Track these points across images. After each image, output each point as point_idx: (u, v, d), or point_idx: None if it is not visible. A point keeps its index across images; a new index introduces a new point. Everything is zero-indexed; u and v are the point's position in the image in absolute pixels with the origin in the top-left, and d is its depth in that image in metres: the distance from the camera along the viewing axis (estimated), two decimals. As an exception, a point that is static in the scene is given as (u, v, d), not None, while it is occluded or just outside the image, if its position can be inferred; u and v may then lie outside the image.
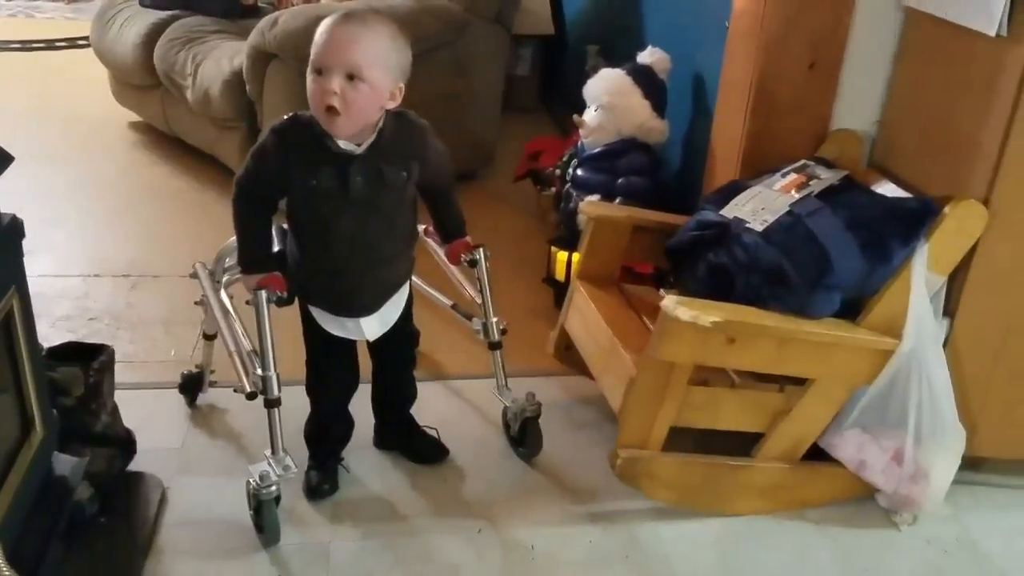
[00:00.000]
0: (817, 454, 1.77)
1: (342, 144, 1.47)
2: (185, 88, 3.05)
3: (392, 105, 1.50)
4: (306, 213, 1.55)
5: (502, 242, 1.68)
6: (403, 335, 1.75)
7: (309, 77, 1.44)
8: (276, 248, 1.63)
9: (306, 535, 1.65)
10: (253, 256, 1.59)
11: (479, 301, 1.82)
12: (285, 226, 1.62)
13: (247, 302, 1.59)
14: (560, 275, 2.35)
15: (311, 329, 1.66)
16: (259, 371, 1.57)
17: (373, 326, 1.65)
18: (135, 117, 3.67)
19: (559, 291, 2.32)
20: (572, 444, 1.92)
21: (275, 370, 1.56)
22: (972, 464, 1.82)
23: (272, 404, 1.57)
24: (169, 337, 2.26)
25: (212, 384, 1.97)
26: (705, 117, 2.26)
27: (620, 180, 2.34)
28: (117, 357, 1.75)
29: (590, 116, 2.41)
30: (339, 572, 1.57)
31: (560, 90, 3.91)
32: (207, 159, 3.23)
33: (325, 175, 1.48)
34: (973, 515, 1.80)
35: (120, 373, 1.78)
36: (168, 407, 1.96)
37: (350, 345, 1.69)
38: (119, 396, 1.75)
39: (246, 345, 1.63)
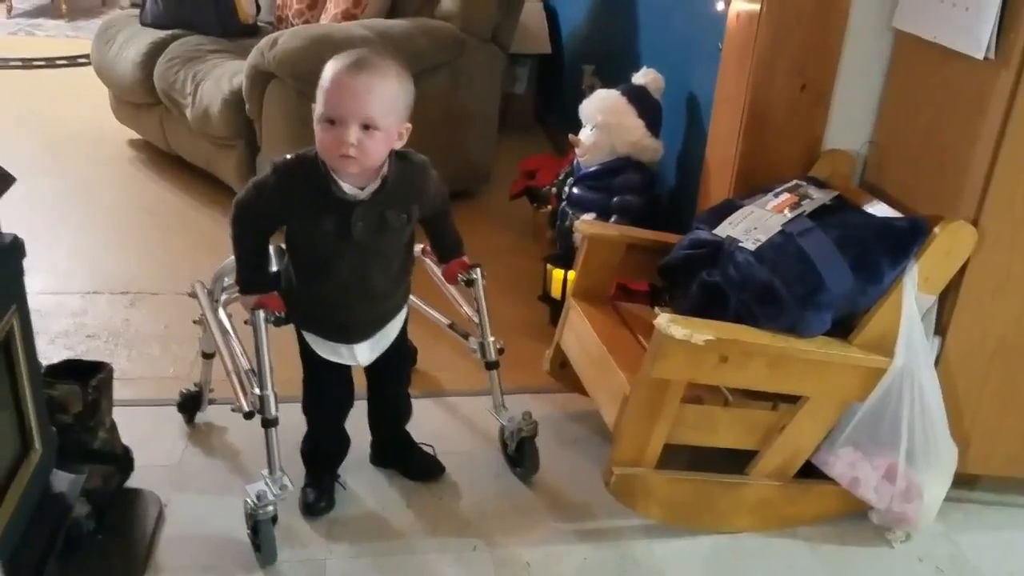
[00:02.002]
0: (810, 472, 1.78)
1: (347, 190, 1.47)
2: (185, 107, 3.08)
3: (399, 145, 1.50)
4: (306, 249, 1.56)
5: (498, 260, 1.70)
6: (397, 355, 1.75)
7: (320, 126, 1.43)
8: (274, 268, 1.64)
9: (302, 552, 1.65)
10: (251, 276, 1.60)
11: (476, 320, 1.83)
12: (283, 245, 1.62)
13: (245, 322, 1.59)
14: (556, 292, 2.37)
15: (307, 351, 1.66)
16: (257, 391, 1.57)
17: (365, 352, 1.67)
18: (134, 135, 3.69)
19: (555, 308, 2.34)
20: (566, 461, 1.93)
21: (272, 390, 1.57)
22: (965, 482, 1.83)
23: (269, 424, 1.57)
24: (167, 354, 2.27)
25: (211, 402, 1.98)
26: (699, 137, 2.29)
27: (615, 199, 2.37)
28: (115, 374, 1.75)
29: (585, 135, 2.44)
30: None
31: (557, 108, 3.95)
32: (206, 177, 3.25)
33: (327, 219, 1.48)
34: (966, 533, 1.81)
35: (118, 390, 1.79)
36: (166, 424, 1.97)
37: (345, 366, 1.70)
38: (117, 413, 1.76)
39: (244, 364, 1.64)
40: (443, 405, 2.10)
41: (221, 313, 1.78)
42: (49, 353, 2.10)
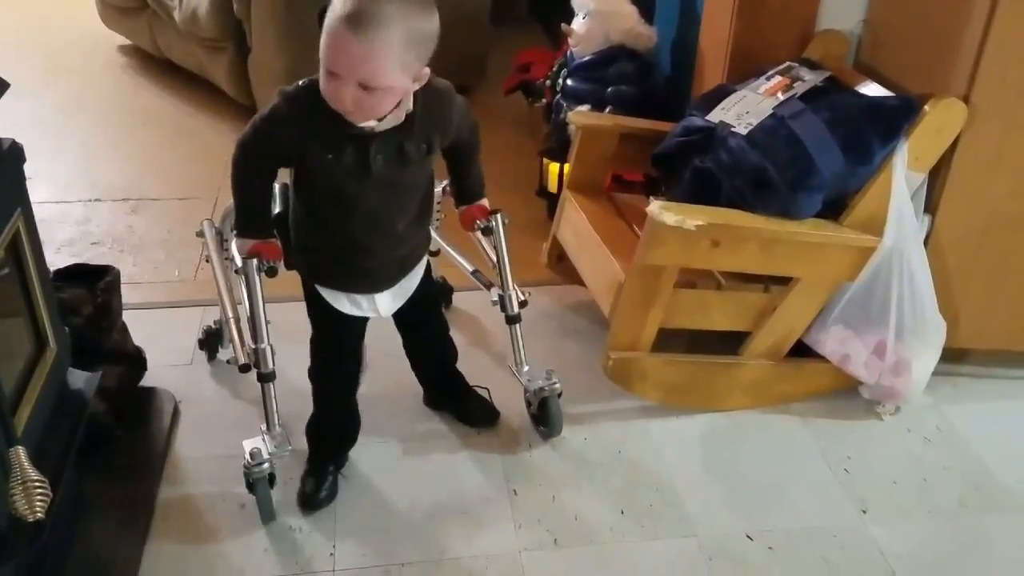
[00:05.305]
0: (802, 350, 1.83)
1: (360, 124, 1.33)
2: (172, 8, 3.03)
3: (418, 86, 1.34)
4: (321, 188, 1.41)
5: (494, 157, 1.68)
6: (424, 300, 1.62)
7: (322, 74, 1.28)
8: (277, 210, 1.51)
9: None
10: (250, 219, 1.45)
11: (496, 270, 1.70)
12: (286, 182, 1.48)
13: (236, 271, 1.49)
14: (552, 187, 2.38)
15: (318, 308, 1.52)
16: (251, 343, 1.47)
17: (387, 302, 1.54)
18: (124, 40, 3.64)
19: (552, 203, 2.35)
20: (566, 351, 1.98)
21: (268, 342, 1.47)
22: (954, 356, 1.88)
23: (266, 378, 1.48)
24: (172, 259, 2.31)
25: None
26: (693, 22, 2.26)
27: (609, 89, 2.35)
28: (123, 279, 1.79)
29: (578, 24, 2.41)
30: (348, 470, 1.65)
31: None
32: (198, 81, 3.22)
33: (344, 152, 1.35)
34: (953, 405, 1.87)
35: (126, 294, 1.82)
36: (176, 326, 2.02)
37: (362, 324, 1.57)
38: (127, 316, 1.81)
39: (246, 312, 1.51)
40: (444, 299, 2.14)
41: (230, 253, 1.62)
42: (56, 261, 2.12)
